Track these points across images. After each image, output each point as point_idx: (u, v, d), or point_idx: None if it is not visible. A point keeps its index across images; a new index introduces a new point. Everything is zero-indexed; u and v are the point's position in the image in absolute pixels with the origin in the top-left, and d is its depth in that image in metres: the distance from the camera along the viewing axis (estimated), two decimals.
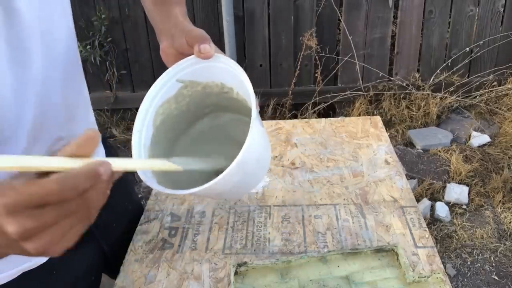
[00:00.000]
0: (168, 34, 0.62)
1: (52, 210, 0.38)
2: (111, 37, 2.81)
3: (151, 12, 0.70)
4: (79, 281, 0.82)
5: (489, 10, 2.78)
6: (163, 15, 0.66)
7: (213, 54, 0.55)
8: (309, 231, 0.84)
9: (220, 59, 0.55)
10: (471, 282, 1.92)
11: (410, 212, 0.87)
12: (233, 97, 0.60)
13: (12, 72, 0.55)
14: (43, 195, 0.37)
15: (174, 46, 0.61)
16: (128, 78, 2.96)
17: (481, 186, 2.38)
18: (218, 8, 2.72)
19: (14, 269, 0.71)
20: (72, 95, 0.70)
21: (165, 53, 0.62)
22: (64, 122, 0.68)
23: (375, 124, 1.16)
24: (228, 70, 0.55)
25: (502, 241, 2.09)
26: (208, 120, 0.68)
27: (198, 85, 0.60)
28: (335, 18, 2.77)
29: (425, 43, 2.86)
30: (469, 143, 2.69)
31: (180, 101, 0.61)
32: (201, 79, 0.59)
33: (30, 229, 0.38)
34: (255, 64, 2.87)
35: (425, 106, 2.84)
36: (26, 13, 0.56)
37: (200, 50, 0.55)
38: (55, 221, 0.39)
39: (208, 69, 0.57)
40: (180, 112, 0.63)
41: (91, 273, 0.86)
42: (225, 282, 0.75)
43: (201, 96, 0.61)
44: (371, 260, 0.75)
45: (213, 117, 0.68)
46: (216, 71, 0.57)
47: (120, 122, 3.07)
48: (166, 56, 0.63)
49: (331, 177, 0.98)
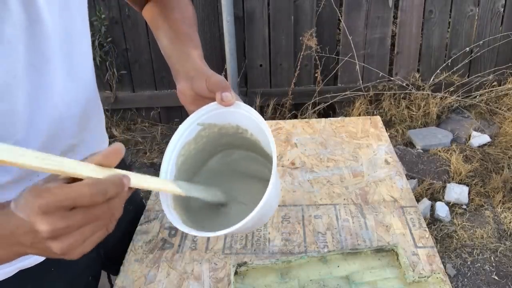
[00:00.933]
0: (187, 76, 0.64)
1: (80, 213, 0.42)
2: (111, 37, 2.81)
3: (167, 50, 0.72)
4: (76, 279, 0.83)
5: (489, 10, 2.78)
6: (181, 56, 0.68)
7: (234, 102, 0.58)
8: (309, 231, 0.84)
9: (241, 106, 0.59)
10: (471, 282, 1.92)
11: (410, 212, 0.87)
12: (247, 137, 0.64)
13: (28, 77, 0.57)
14: (75, 197, 0.41)
15: (193, 89, 0.63)
16: (128, 78, 2.96)
17: (481, 186, 2.38)
18: (218, 8, 2.72)
19: (12, 266, 0.72)
20: (88, 106, 0.72)
21: (183, 94, 0.65)
22: (78, 131, 0.71)
23: (375, 124, 1.16)
24: (246, 116, 0.59)
25: (502, 241, 2.09)
26: (221, 157, 0.71)
27: (215, 127, 0.64)
28: (335, 18, 2.77)
29: (425, 43, 2.86)
30: (469, 143, 2.69)
31: (198, 141, 0.65)
32: (219, 121, 0.63)
33: (60, 229, 0.41)
34: (255, 64, 2.87)
35: (425, 106, 2.84)
36: (49, 22, 0.58)
37: (223, 98, 0.58)
38: (82, 224, 0.42)
39: (227, 114, 0.61)
40: (197, 151, 0.66)
41: (89, 272, 0.86)
42: (225, 282, 0.75)
43: (217, 137, 0.66)
44: (371, 260, 0.75)
45: (225, 155, 0.71)
46: (233, 116, 0.61)
47: (120, 122, 3.07)
48: (184, 97, 0.65)
49: (331, 177, 0.98)
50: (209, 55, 2.88)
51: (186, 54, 0.68)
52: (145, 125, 3.08)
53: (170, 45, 0.72)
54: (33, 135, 0.61)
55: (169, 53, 0.71)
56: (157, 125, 3.08)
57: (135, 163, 2.77)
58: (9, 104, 0.56)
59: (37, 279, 0.76)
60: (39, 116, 0.61)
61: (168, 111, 3.06)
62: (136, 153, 2.89)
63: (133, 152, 2.89)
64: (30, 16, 0.56)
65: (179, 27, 0.73)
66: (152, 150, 2.88)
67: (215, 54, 2.87)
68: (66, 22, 0.62)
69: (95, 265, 0.88)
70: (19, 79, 0.56)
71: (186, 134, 0.63)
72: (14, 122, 0.57)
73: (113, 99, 2.96)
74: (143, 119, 3.10)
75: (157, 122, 3.11)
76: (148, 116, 3.09)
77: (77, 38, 0.66)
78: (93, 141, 0.78)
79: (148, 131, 3.05)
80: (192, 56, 0.67)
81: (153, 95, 2.98)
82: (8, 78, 0.54)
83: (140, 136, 3.00)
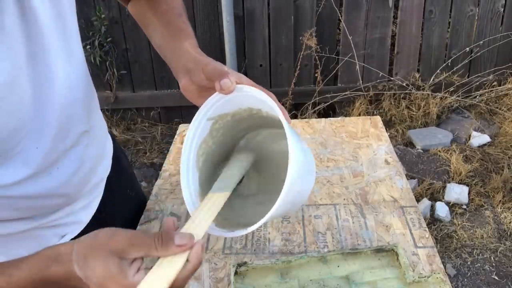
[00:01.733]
0: (185, 71, 0.63)
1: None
2: (111, 37, 2.81)
3: (162, 49, 0.71)
4: None
5: (489, 10, 2.78)
6: (174, 52, 0.67)
7: (234, 88, 0.56)
8: (309, 231, 0.84)
9: (243, 89, 0.56)
10: (471, 282, 1.92)
11: (410, 212, 0.87)
12: (263, 116, 0.61)
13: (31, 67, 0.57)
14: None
15: (193, 82, 0.62)
16: (128, 78, 2.96)
17: (481, 186, 2.37)
18: (218, 8, 2.72)
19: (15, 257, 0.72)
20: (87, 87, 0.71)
21: (186, 91, 0.63)
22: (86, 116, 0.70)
23: (375, 124, 1.16)
24: (252, 95, 0.56)
25: (502, 241, 2.09)
26: (244, 142, 0.69)
27: (227, 116, 0.61)
28: (335, 18, 2.77)
29: (425, 43, 2.86)
30: (469, 143, 2.69)
31: (215, 135, 0.63)
32: (229, 110, 0.60)
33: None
34: (255, 64, 2.87)
35: (425, 106, 2.84)
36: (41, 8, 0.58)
37: (222, 86, 0.55)
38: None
39: (233, 100, 0.58)
40: (217, 144, 0.64)
41: None
42: (225, 282, 0.75)
43: (232, 125, 0.63)
44: (371, 260, 0.75)
45: (248, 139, 0.69)
46: (241, 100, 0.58)
47: (120, 122, 3.07)
48: (189, 93, 0.64)
49: (331, 177, 0.98)
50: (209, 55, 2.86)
51: (179, 48, 0.66)
52: (145, 125, 3.08)
53: (162, 42, 0.71)
54: (46, 127, 0.61)
55: (163, 51, 0.70)
56: (157, 125, 3.08)
57: (135, 163, 2.77)
58: (19, 97, 0.55)
59: None
60: (47, 106, 0.60)
61: (168, 111, 3.06)
62: (136, 153, 2.89)
63: (133, 152, 2.89)
64: (22, 5, 0.55)
65: (168, 19, 0.72)
66: (152, 150, 2.88)
67: (215, 54, 2.87)
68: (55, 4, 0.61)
69: None
70: (23, 70, 0.56)
71: (198, 134, 0.61)
72: (23, 116, 0.57)
73: (113, 99, 2.96)
74: (143, 119, 3.10)
75: (157, 122, 3.10)
76: (148, 116, 3.09)
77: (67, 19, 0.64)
78: (99, 125, 0.78)
79: (148, 131, 3.05)
80: (185, 48, 0.66)
81: (153, 95, 2.98)
82: (15, 70, 0.54)
83: (140, 136, 3.00)
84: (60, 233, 0.73)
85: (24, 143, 0.58)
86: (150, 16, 0.75)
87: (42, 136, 0.61)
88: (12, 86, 0.54)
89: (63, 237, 0.73)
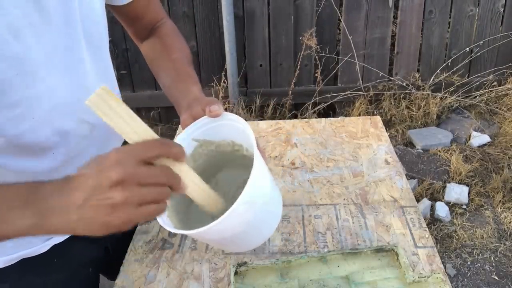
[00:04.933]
0: (187, 106, 0.70)
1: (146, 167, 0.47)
2: (111, 37, 2.80)
3: (169, 89, 0.79)
4: (77, 271, 0.85)
5: (489, 10, 2.78)
6: (182, 93, 0.75)
7: (221, 113, 0.63)
8: (309, 231, 0.84)
9: (228, 116, 0.63)
10: (471, 282, 1.92)
11: (410, 212, 0.87)
12: (243, 154, 0.66)
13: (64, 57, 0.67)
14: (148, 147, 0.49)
15: (192, 115, 0.68)
16: (128, 78, 2.96)
17: (481, 186, 2.38)
18: (218, 8, 2.72)
19: (14, 254, 0.73)
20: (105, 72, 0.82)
21: (185, 124, 0.68)
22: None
23: (375, 124, 1.16)
24: (236, 127, 0.62)
25: (502, 241, 2.09)
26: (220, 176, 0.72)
27: (212, 144, 0.67)
28: (335, 18, 2.77)
29: (425, 43, 2.86)
30: (469, 143, 2.69)
31: (197, 159, 0.67)
32: (214, 138, 0.66)
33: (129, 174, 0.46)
34: (255, 64, 2.87)
35: (425, 106, 2.84)
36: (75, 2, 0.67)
37: (210, 109, 0.63)
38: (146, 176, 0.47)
39: (219, 128, 0.64)
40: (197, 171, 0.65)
41: (89, 265, 0.88)
42: (225, 282, 0.75)
43: (216, 155, 0.68)
44: (371, 260, 0.75)
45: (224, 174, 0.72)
46: (226, 130, 0.64)
47: None
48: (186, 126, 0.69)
49: (331, 177, 0.98)
50: (209, 55, 2.88)
51: (187, 89, 0.75)
52: None
53: (172, 84, 0.79)
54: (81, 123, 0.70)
55: (171, 91, 0.78)
56: (157, 125, 3.08)
57: None
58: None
59: (38, 268, 0.77)
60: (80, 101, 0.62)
61: (168, 111, 3.06)
62: None
63: None
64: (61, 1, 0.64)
65: (180, 66, 0.82)
66: None
67: (215, 54, 2.87)
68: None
69: (96, 259, 0.89)
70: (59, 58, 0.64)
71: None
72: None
73: None
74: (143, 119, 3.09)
75: (157, 122, 3.11)
76: (148, 116, 3.09)
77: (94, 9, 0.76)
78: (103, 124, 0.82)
79: None
80: (193, 91, 0.74)
81: (153, 95, 2.98)
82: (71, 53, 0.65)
83: None
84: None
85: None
86: (163, 60, 0.85)
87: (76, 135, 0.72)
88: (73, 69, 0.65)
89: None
